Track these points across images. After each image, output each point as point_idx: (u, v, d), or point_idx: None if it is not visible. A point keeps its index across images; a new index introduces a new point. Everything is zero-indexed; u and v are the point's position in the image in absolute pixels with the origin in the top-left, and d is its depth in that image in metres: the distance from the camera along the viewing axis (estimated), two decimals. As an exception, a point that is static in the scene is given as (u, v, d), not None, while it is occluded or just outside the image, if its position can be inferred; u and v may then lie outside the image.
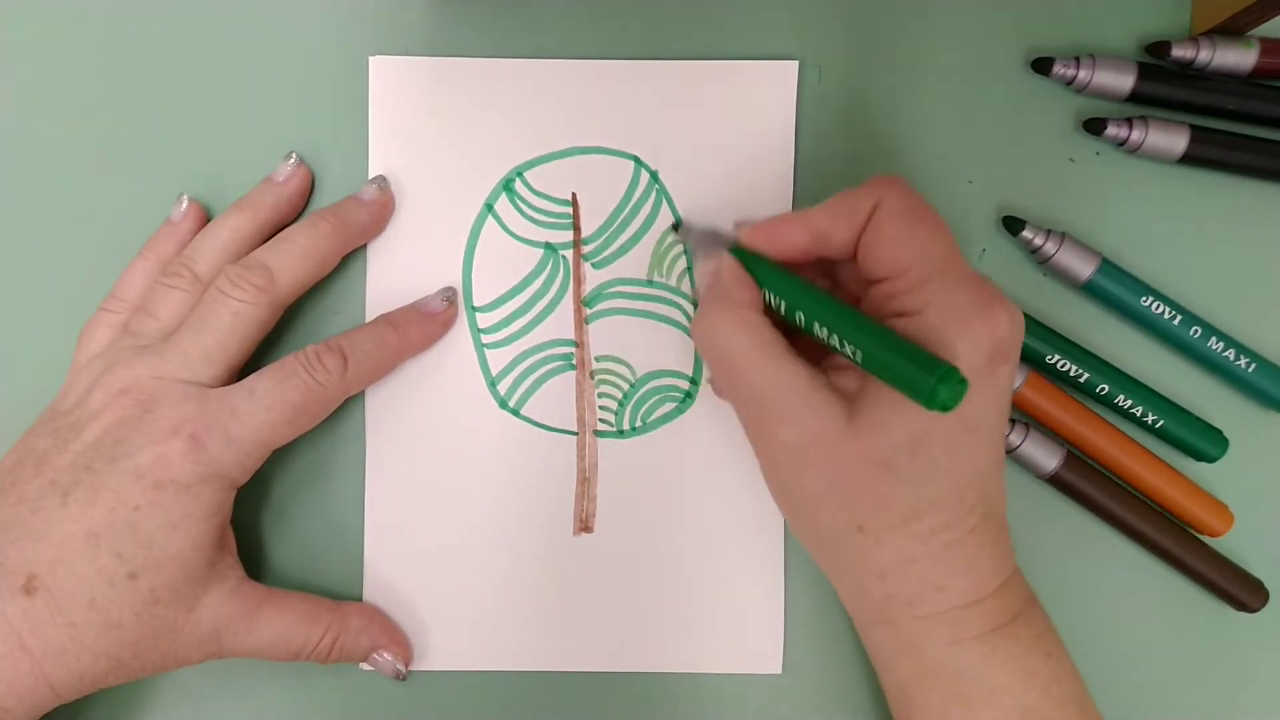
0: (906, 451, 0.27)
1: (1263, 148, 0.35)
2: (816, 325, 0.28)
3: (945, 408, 0.25)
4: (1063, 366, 0.35)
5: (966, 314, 0.27)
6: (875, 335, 0.27)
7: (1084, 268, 0.35)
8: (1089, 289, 0.35)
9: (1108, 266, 0.35)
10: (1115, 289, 0.35)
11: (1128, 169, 0.36)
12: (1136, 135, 0.35)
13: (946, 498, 0.27)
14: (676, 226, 0.36)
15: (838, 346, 0.28)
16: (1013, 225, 0.35)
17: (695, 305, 0.36)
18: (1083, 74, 0.35)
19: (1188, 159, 0.35)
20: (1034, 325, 0.35)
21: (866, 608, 0.30)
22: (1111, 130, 0.35)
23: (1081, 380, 0.35)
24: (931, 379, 0.25)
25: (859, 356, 0.27)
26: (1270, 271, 0.36)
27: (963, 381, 0.25)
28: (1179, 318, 0.35)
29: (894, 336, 0.27)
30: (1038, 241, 0.35)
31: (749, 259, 0.30)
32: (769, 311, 0.30)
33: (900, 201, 0.29)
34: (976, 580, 0.28)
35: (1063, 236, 0.35)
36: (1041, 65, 0.35)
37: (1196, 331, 0.35)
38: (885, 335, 0.27)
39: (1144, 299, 0.35)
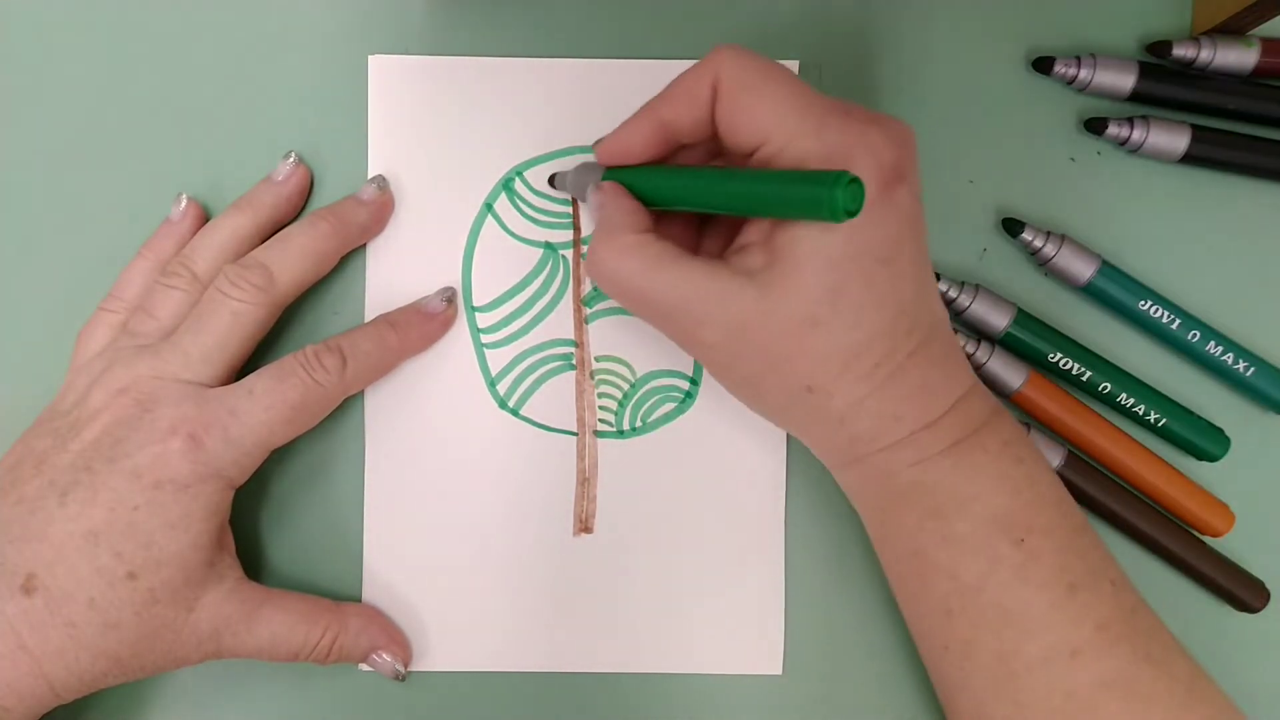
0: (828, 303, 0.27)
1: (1264, 147, 0.35)
2: (704, 200, 0.28)
3: (851, 212, 0.25)
4: (1064, 365, 0.35)
5: (842, 151, 0.27)
6: (760, 178, 0.27)
7: (1084, 269, 0.35)
8: (1089, 290, 0.35)
9: (1108, 268, 0.35)
10: (1115, 291, 0.35)
11: (1129, 169, 0.36)
12: (1138, 135, 0.35)
13: (879, 333, 0.27)
14: (552, 181, 0.36)
15: (731, 208, 0.28)
16: (1012, 227, 0.35)
17: None
18: (1084, 73, 0.35)
19: (1189, 159, 0.35)
20: (1034, 324, 0.35)
21: (834, 453, 0.30)
22: (1113, 130, 0.35)
23: (1083, 379, 0.35)
24: (825, 187, 0.24)
25: (754, 206, 0.27)
26: (1271, 271, 0.36)
27: (856, 181, 0.25)
28: (1178, 321, 0.35)
29: (778, 173, 0.27)
30: (1037, 243, 0.35)
31: (627, 175, 0.30)
32: (668, 216, 0.30)
33: (736, 70, 0.28)
34: (930, 401, 0.28)
35: (1062, 238, 0.35)
36: (1042, 65, 0.35)
37: (1195, 335, 0.35)
38: (769, 175, 0.27)
39: (1143, 302, 0.35)
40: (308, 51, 0.36)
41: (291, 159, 0.35)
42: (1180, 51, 0.35)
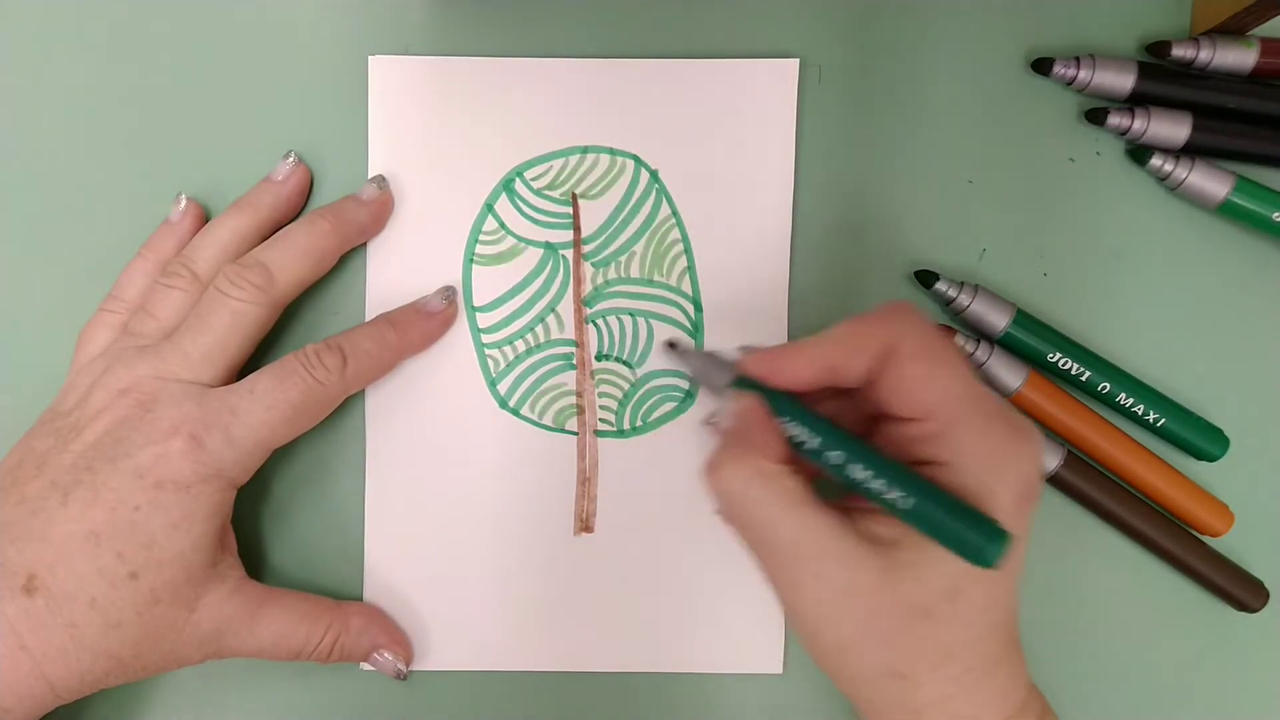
0: (945, 600, 0.27)
1: (1268, 135, 0.35)
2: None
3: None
4: (1064, 365, 0.35)
5: (1001, 460, 0.27)
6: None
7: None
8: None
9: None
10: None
11: (1128, 168, 0.36)
12: (1139, 124, 0.35)
13: (982, 638, 0.27)
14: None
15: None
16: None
17: (690, 394, 0.36)
18: (1083, 74, 0.35)
19: (1190, 149, 0.35)
20: (1034, 324, 0.35)
21: None
22: (1113, 120, 0.35)
23: (1083, 379, 0.35)
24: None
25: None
26: (1276, 264, 0.36)
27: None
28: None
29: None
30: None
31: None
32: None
33: (919, 339, 0.28)
34: (1003, 705, 0.28)
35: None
36: (1042, 65, 0.35)
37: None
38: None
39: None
40: (308, 51, 0.36)
41: (291, 159, 0.35)
42: (1179, 52, 0.35)
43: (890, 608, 0.27)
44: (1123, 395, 0.35)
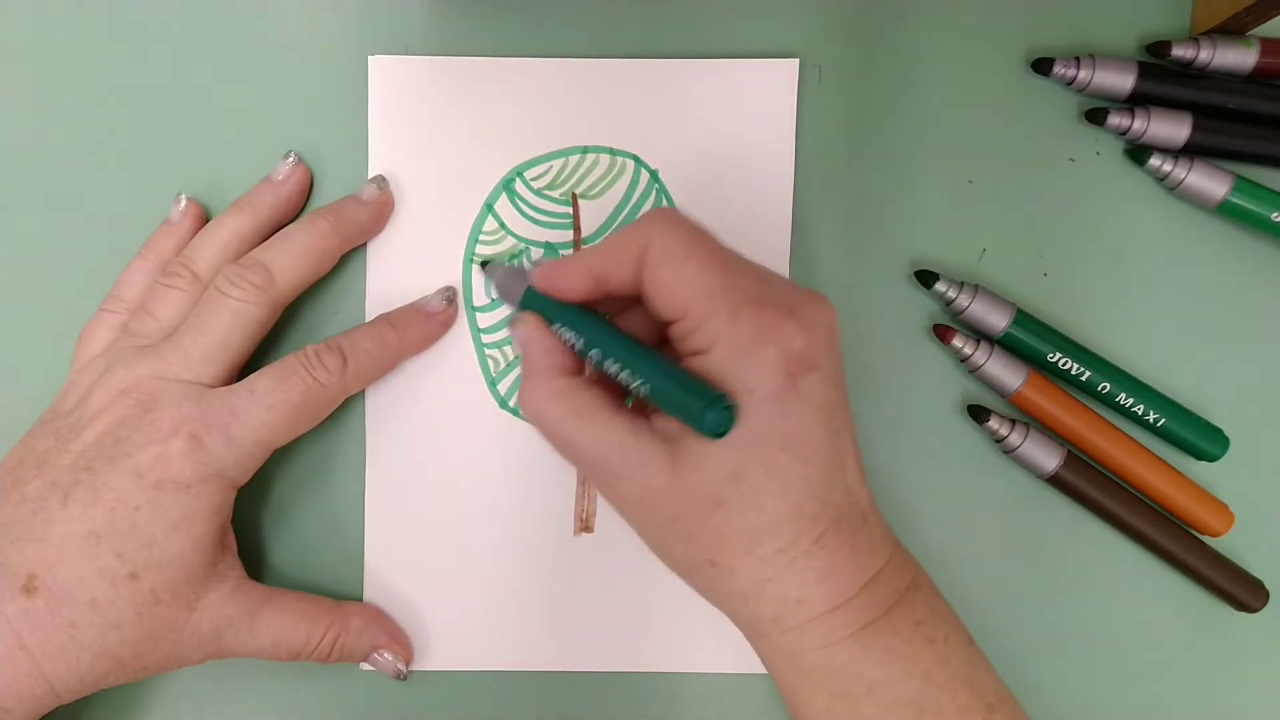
0: (731, 484, 0.27)
1: (1268, 135, 0.35)
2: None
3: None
4: (1064, 365, 0.35)
5: (750, 342, 0.27)
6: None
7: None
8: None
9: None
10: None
11: (1128, 168, 0.36)
12: (1139, 124, 0.35)
13: (783, 518, 0.27)
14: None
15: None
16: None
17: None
18: (1083, 74, 0.35)
19: (1190, 149, 0.35)
20: (1034, 324, 0.35)
21: (740, 625, 0.30)
22: (1114, 120, 0.35)
23: (1083, 379, 0.35)
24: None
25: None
26: (1275, 262, 0.36)
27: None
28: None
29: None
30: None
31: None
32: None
33: (666, 240, 0.28)
34: (837, 584, 0.28)
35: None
36: (1042, 66, 0.35)
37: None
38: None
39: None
40: (308, 51, 0.36)
41: (291, 159, 0.35)
42: (1179, 52, 0.35)
43: (685, 501, 0.28)
44: (1123, 395, 0.35)
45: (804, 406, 0.27)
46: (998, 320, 0.35)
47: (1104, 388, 0.35)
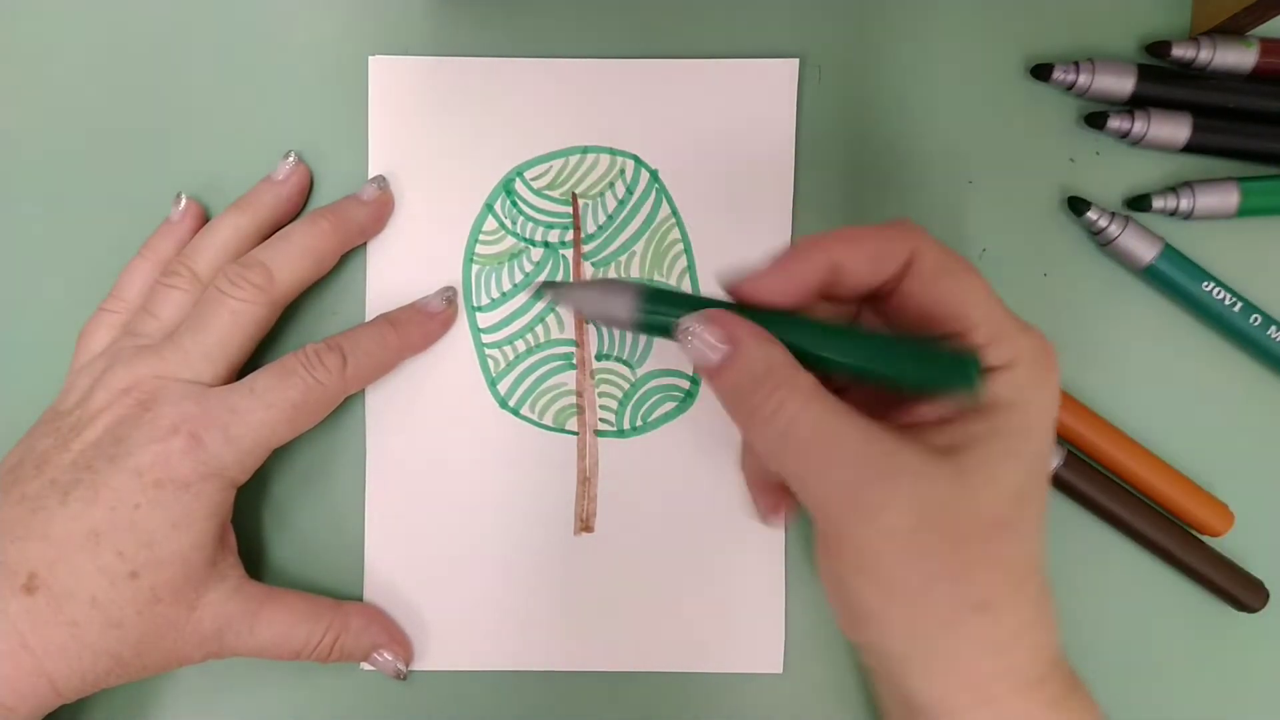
0: (1017, 506, 0.24)
1: (1268, 135, 0.35)
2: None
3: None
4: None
5: (1045, 366, 0.26)
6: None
7: (1146, 252, 0.34)
8: (1150, 272, 0.35)
9: (1170, 251, 0.35)
10: (1175, 275, 0.35)
11: (1128, 168, 0.36)
12: (1139, 127, 0.35)
13: (1043, 548, 0.25)
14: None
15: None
16: (1078, 206, 0.35)
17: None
18: (1082, 78, 0.35)
19: (1191, 148, 0.35)
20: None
21: (961, 693, 0.25)
22: (1113, 123, 0.35)
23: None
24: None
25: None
26: (1274, 258, 0.36)
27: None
28: (1239, 304, 0.35)
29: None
30: (1102, 223, 0.35)
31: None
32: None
33: (938, 251, 0.26)
34: (1051, 638, 0.26)
35: (1127, 220, 0.35)
36: (1041, 71, 0.35)
37: (1257, 319, 0.35)
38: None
39: (1206, 284, 0.35)
40: (308, 51, 0.36)
41: (291, 159, 0.35)
42: (1179, 52, 0.35)
43: (970, 524, 0.24)
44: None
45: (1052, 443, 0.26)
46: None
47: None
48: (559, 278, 0.36)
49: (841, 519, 0.25)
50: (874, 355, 0.25)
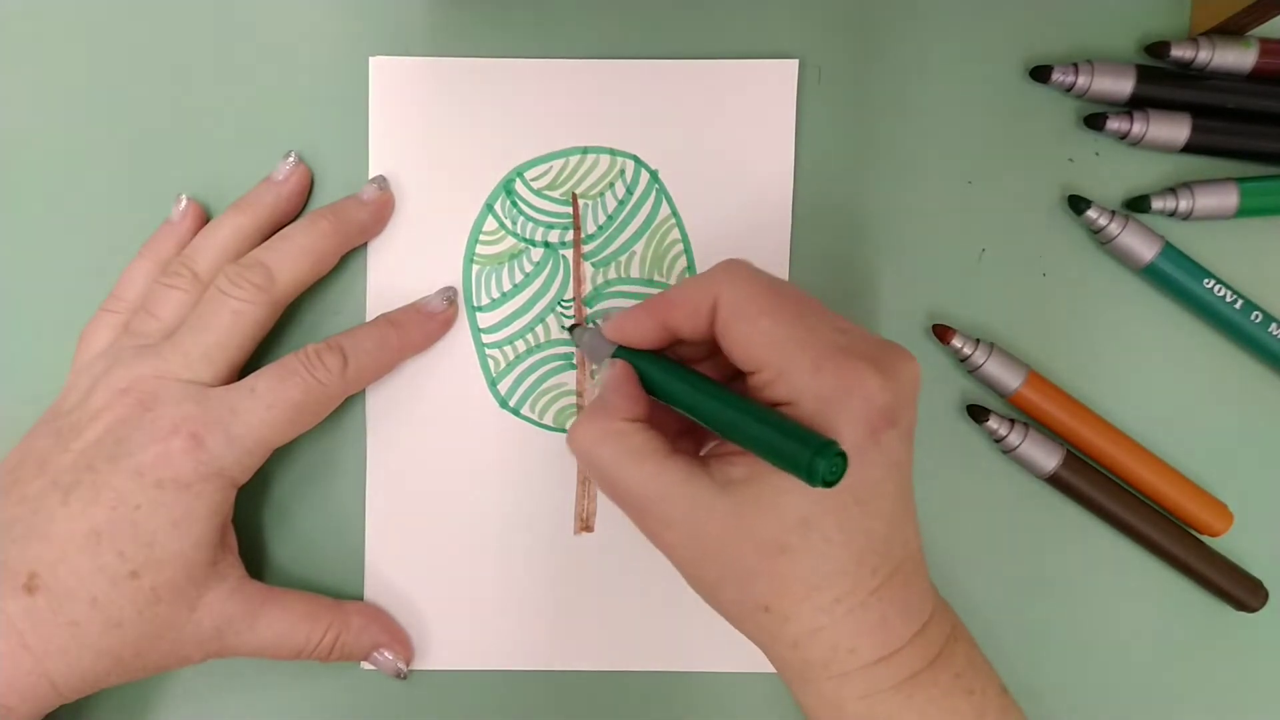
0: (798, 532, 0.27)
1: (1267, 135, 0.35)
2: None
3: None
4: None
5: (834, 394, 0.27)
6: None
7: (1146, 251, 0.34)
8: (1150, 272, 0.35)
9: (1169, 249, 0.35)
10: (1176, 274, 0.35)
11: (1127, 169, 0.36)
12: (1138, 127, 0.35)
13: (844, 569, 0.27)
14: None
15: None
16: (1078, 205, 0.35)
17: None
18: (1082, 80, 0.35)
19: (1190, 148, 0.35)
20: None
21: (784, 672, 0.29)
22: (1113, 124, 0.35)
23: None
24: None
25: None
26: (1272, 257, 0.36)
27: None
28: (1240, 302, 0.35)
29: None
30: (1102, 221, 0.34)
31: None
32: (649, 407, 0.30)
33: (735, 295, 0.28)
34: (887, 636, 0.28)
35: (1126, 218, 0.34)
36: (1040, 73, 0.35)
37: (1257, 317, 0.35)
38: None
39: (1208, 281, 0.35)
40: (308, 52, 0.36)
41: (291, 159, 0.35)
42: (1178, 52, 0.35)
43: (746, 544, 0.27)
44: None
45: (882, 461, 0.27)
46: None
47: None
48: (559, 278, 0.36)
49: (641, 530, 0.29)
50: (730, 422, 0.27)
